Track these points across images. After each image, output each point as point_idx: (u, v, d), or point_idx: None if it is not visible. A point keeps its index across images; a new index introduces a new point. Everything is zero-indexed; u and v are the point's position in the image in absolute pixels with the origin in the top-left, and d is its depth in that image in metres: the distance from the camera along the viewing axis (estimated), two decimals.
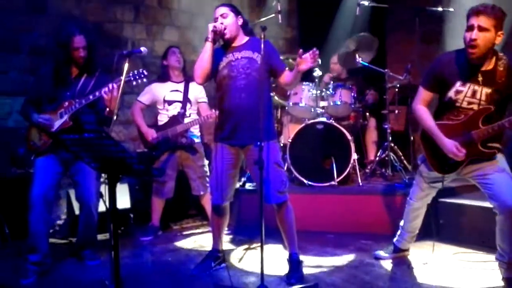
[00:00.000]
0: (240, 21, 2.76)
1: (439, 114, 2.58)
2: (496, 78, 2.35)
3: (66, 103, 2.90)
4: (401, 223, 3.03)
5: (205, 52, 2.67)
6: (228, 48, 2.77)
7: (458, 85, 2.42)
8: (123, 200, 3.98)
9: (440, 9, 4.07)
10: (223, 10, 2.72)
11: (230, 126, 2.72)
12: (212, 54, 2.68)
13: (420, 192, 2.84)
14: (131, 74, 2.81)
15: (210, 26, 2.65)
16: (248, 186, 4.09)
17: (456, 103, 2.45)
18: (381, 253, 3.11)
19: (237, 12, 2.77)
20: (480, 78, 2.37)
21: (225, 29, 2.68)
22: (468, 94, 2.41)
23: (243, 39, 2.78)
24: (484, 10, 2.27)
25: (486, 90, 2.37)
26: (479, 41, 2.28)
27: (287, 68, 2.77)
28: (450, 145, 2.42)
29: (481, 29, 2.27)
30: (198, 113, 3.92)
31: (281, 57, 2.88)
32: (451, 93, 2.45)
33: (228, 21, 2.70)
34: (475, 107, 2.41)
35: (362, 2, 4.29)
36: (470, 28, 2.31)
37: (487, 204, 2.71)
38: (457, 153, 2.41)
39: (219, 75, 2.76)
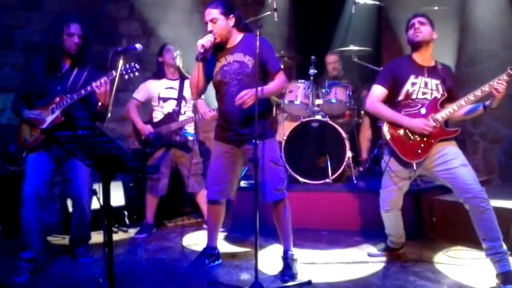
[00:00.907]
0: (232, 21, 2.68)
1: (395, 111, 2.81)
2: (439, 73, 2.78)
3: (58, 98, 2.88)
4: (385, 229, 3.06)
5: (195, 72, 2.66)
6: (222, 50, 2.74)
7: (412, 78, 2.76)
8: (117, 197, 3.97)
9: (435, 8, 4.09)
10: (213, 14, 2.62)
11: (227, 127, 2.75)
12: (204, 71, 2.67)
13: (391, 197, 2.88)
14: (123, 68, 2.78)
15: (199, 46, 2.58)
16: (243, 183, 4.09)
17: (413, 95, 2.76)
18: (374, 250, 3.14)
19: (228, 12, 2.65)
20: (426, 73, 2.78)
21: (215, 36, 2.63)
22: (421, 85, 2.76)
23: (236, 38, 2.72)
24: (421, 14, 2.82)
25: (435, 81, 2.76)
26: (422, 28, 2.75)
27: (279, 70, 2.69)
28: (417, 122, 2.68)
29: (421, 23, 2.75)
30: (194, 111, 3.91)
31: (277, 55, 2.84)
32: (407, 86, 2.76)
33: (218, 26, 2.63)
34: (428, 96, 2.75)
35: (357, 0, 4.30)
36: (413, 28, 2.78)
37: None
38: (425, 127, 2.65)
39: (215, 80, 2.76)
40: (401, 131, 2.73)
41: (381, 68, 4.42)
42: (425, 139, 2.68)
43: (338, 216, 3.79)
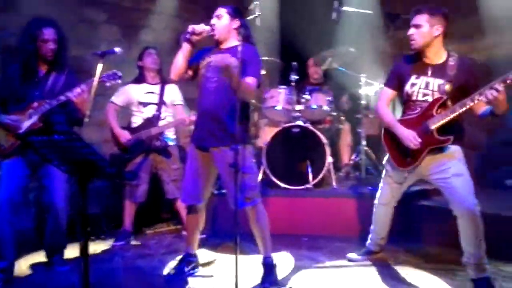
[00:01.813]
0: (235, 25, 2.72)
1: (402, 113, 2.78)
2: (447, 71, 2.55)
3: (36, 104, 2.80)
4: (371, 226, 3.09)
5: (181, 51, 2.68)
6: (216, 49, 2.77)
7: (413, 79, 2.65)
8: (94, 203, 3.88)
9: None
10: (220, 11, 2.72)
11: (199, 127, 2.75)
12: (188, 54, 2.68)
13: (386, 194, 2.92)
14: (104, 75, 2.75)
15: (189, 27, 2.64)
16: (223, 190, 4.06)
17: (413, 96, 2.65)
18: (354, 255, 3.15)
19: (234, 15, 2.73)
20: (429, 71, 2.61)
21: (213, 29, 2.67)
22: (422, 86, 2.62)
23: (232, 43, 2.73)
24: (417, 10, 2.61)
25: (438, 81, 2.57)
26: (414, 35, 2.61)
27: (254, 79, 2.63)
28: (406, 133, 2.62)
29: (414, 26, 2.60)
30: (174, 116, 3.87)
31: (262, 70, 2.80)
32: (407, 87, 2.66)
33: (220, 23, 2.69)
34: (429, 98, 2.59)
35: (343, 8, 4.36)
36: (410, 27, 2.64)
37: None
38: (412, 140, 2.58)
39: (199, 74, 2.77)
40: (395, 137, 2.69)
41: (361, 75, 4.49)
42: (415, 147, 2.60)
43: (319, 222, 3.80)
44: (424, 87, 2.61)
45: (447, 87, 2.54)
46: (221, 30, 2.71)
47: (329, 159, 4.03)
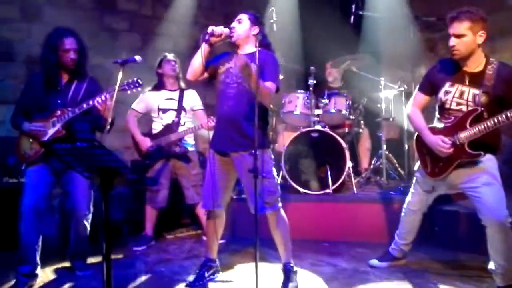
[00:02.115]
0: (255, 31, 2.72)
1: (435, 120, 2.69)
2: (484, 81, 2.41)
3: (59, 112, 2.86)
4: (397, 231, 3.04)
5: (199, 51, 2.70)
6: (235, 54, 2.77)
7: (447, 86, 2.53)
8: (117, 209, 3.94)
9: (433, 18, 4.12)
10: (242, 16, 2.74)
11: (219, 133, 2.76)
12: (206, 55, 2.70)
13: (415, 200, 2.86)
14: (125, 83, 2.79)
15: (209, 28, 2.66)
16: (243, 195, 4.07)
17: (446, 104, 2.55)
18: (376, 261, 3.10)
19: (255, 22, 2.75)
20: (467, 80, 2.47)
21: (232, 32, 2.69)
22: (456, 94, 2.50)
23: (251, 49, 2.73)
24: (456, 17, 2.41)
25: (474, 91, 2.44)
26: (457, 46, 2.43)
27: (273, 83, 2.63)
28: (435, 139, 2.52)
29: (456, 36, 2.41)
30: (194, 122, 3.90)
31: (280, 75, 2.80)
32: (441, 94, 2.56)
33: (240, 27, 2.71)
34: (463, 108, 2.48)
35: (361, 12, 4.34)
36: (449, 36, 2.46)
37: None
38: (442, 145, 2.47)
39: (218, 79, 2.78)
40: (425, 147, 2.61)
41: (381, 79, 4.44)
42: (445, 158, 2.53)
43: (339, 227, 3.76)
44: (458, 96, 2.49)
45: (483, 98, 2.40)
46: (240, 34, 2.71)
47: (349, 164, 3.99)
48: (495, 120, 2.33)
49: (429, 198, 2.84)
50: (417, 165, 2.82)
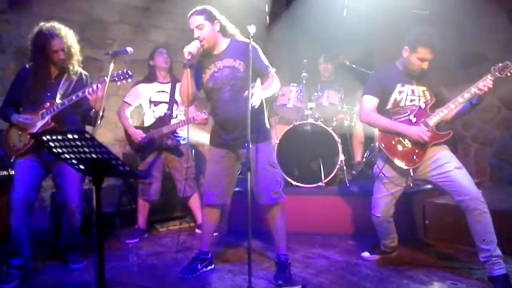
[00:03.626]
0: (218, 26, 2.69)
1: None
2: (426, 78, 2.80)
3: (48, 104, 2.84)
4: (377, 232, 3.08)
5: (185, 79, 2.67)
6: (210, 57, 2.73)
7: (399, 87, 2.82)
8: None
9: (426, 12, 4.13)
10: (198, 20, 2.65)
11: (222, 133, 2.76)
12: (192, 78, 2.68)
13: (383, 204, 2.90)
14: (115, 74, 2.77)
15: (186, 53, 2.58)
16: (237, 188, 4.06)
17: (401, 102, 2.81)
18: (367, 254, 3.14)
19: (212, 18, 2.68)
20: (414, 80, 2.81)
21: (202, 42, 2.64)
22: (409, 92, 2.81)
23: (223, 44, 2.73)
24: (432, 47, 2.67)
25: (422, 88, 2.81)
26: (425, 67, 2.76)
27: (270, 70, 2.73)
28: (414, 129, 2.71)
29: (430, 62, 2.73)
30: (186, 115, 3.88)
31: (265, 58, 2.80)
32: (395, 95, 2.82)
33: (204, 32, 2.65)
34: (416, 102, 2.79)
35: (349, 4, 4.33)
36: (422, 60, 2.72)
37: None
38: (425, 132, 2.68)
39: (206, 87, 2.76)
40: (395, 139, 2.76)
41: (372, 72, 4.44)
42: (418, 144, 2.70)
43: (331, 220, 3.78)
44: (410, 93, 2.80)
45: (430, 92, 2.80)
46: (208, 39, 2.66)
47: (341, 157, 4.00)
48: (454, 100, 2.65)
49: (395, 197, 2.89)
50: (378, 166, 2.86)
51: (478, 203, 2.53)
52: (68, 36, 2.89)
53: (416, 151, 2.72)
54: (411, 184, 3.68)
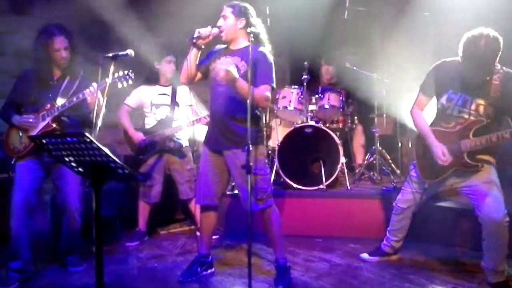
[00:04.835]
0: (241, 24, 2.68)
1: (434, 120, 2.67)
2: (490, 92, 2.35)
3: (48, 105, 2.84)
4: (388, 227, 3.05)
5: (189, 55, 2.68)
6: (225, 50, 2.76)
7: (450, 93, 2.49)
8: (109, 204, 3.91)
9: (426, 13, 4.12)
10: (225, 11, 2.68)
11: (211, 130, 2.77)
12: (196, 57, 2.68)
13: (406, 198, 2.88)
14: (116, 76, 2.77)
15: (195, 32, 2.61)
16: (236, 191, 4.05)
17: (447, 110, 2.52)
18: (366, 255, 3.13)
19: (239, 14, 2.68)
20: (472, 89, 2.40)
21: (221, 30, 2.65)
22: (459, 102, 2.46)
23: (242, 43, 2.72)
24: (483, 59, 2.26)
25: (479, 101, 2.41)
26: (482, 78, 2.37)
27: (266, 85, 2.62)
28: (437, 148, 2.51)
29: (480, 75, 2.35)
30: (187, 117, 3.88)
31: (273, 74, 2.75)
32: (443, 100, 2.54)
33: (226, 24, 2.67)
34: (465, 115, 2.46)
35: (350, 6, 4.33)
36: (470, 73, 2.36)
37: None
38: (441, 157, 2.48)
39: (210, 77, 2.77)
40: (424, 149, 2.63)
41: (373, 74, 4.43)
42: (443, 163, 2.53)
43: (332, 223, 3.76)
44: (461, 104, 2.46)
45: (489, 110, 2.38)
46: (227, 31, 2.67)
47: (343, 160, 3.99)
48: (500, 135, 2.31)
49: (420, 198, 2.84)
50: (413, 164, 2.83)
51: (496, 224, 2.37)
52: (72, 35, 2.90)
53: (437, 168, 2.54)
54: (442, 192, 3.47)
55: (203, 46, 2.68)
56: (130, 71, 2.81)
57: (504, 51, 2.27)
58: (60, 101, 2.86)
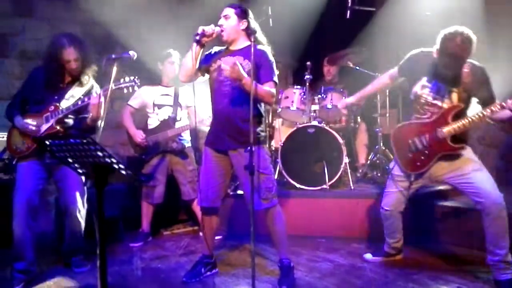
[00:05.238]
0: (243, 25, 2.70)
1: (413, 114, 2.72)
2: (461, 79, 2.48)
3: (52, 107, 2.84)
4: (384, 229, 3.06)
5: (190, 52, 2.67)
6: (226, 50, 2.76)
7: (424, 80, 2.59)
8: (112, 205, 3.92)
9: (428, 13, 4.11)
10: (228, 11, 2.70)
11: (215, 130, 2.75)
12: (197, 55, 2.67)
13: (393, 199, 2.88)
14: (122, 82, 2.78)
15: (199, 28, 2.63)
16: (239, 192, 4.06)
17: (421, 99, 2.61)
18: (370, 256, 3.13)
19: (242, 16, 2.70)
20: (446, 79, 2.51)
21: (222, 30, 2.67)
22: (433, 89, 2.57)
23: (242, 44, 2.73)
24: (460, 56, 2.40)
25: (453, 89, 2.52)
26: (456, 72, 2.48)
27: (270, 82, 2.66)
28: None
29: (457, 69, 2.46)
30: (189, 118, 3.88)
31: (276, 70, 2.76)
32: (417, 88, 2.62)
33: (228, 24, 2.68)
34: (439, 103, 2.56)
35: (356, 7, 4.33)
36: (445, 68, 2.46)
37: None
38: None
39: (211, 78, 2.77)
40: (406, 141, 2.68)
41: (376, 74, 4.43)
42: (426, 151, 2.61)
43: (336, 223, 3.76)
44: (435, 91, 2.57)
45: (463, 95, 2.50)
46: (230, 30, 2.68)
47: (346, 159, 3.98)
48: (481, 113, 2.42)
49: (406, 195, 2.84)
50: (391, 163, 2.87)
51: (498, 207, 2.45)
52: (83, 46, 2.90)
53: (422, 157, 2.63)
54: (428, 184, 3.60)
55: (205, 44, 2.69)
56: (136, 77, 2.81)
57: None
58: (64, 104, 2.87)
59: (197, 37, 2.61)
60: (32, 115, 2.86)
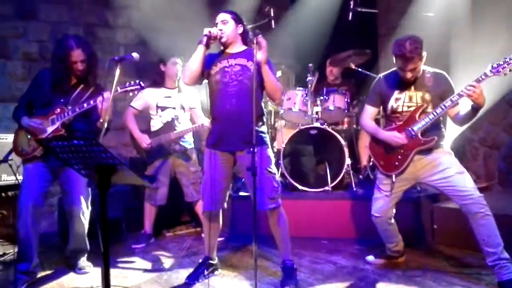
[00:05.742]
0: (240, 30, 2.76)
1: (386, 125, 2.95)
2: (424, 82, 2.75)
3: (58, 110, 2.85)
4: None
5: (196, 54, 2.68)
6: (224, 53, 2.78)
7: (396, 94, 2.81)
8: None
9: (430, 14, 4.11)
10: (224, 16, 2.73)
11: (219, 132, 2.74)
12: (203, 58, 2.69)
13: (381, 204, 2.90)
14: (127, 85, 2.78)
15: (205, 30, 2.65)
16: (242, 193, 4.06)
17: (398, 109, 2.81)
18: (372, 257, 3.13)
19: (238, 21, 2.76)
20: (412, 87, 2.77)
21: (222, 33, 2.69)
22: (406, 99, 2.79)
23: (240, 48, 2.78)
24: (410, 57, 2.60)
25: (419, 93, 2.76)
26: (414, 74, 2.70)
27: (277, 79, 2.73)
28: (388, 134, 2.78)
29: (412, 70, 2.66)
30: (192, 120, 3.89)
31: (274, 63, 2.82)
32: (391, 102, 2.82)
33: (227, 28, 2.71)
34: (413, 108, 2.76)
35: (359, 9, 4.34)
36: (403, 70, 2.69)
37: None
38: (398, 136, 2.73)
39: (212, 80, 2.76)
40: (381, 146, 2.83)
41: (379, 75, 4.43)
42: (402, 151, 2.74)
43: (338, 224, 3.76)
44: (408, 100, 2.78)
45: (427, 96, 2.73)
46: (228, 34, 2.72)
47: (348, 161, 3.98)
48: (442, 105, 2.62)
49: (391, 199, 2.86)
50: (376, 170, 2.95)
51: (480, 206, 2.54)
52: (89, 47, 2.91)
53: (399, 157, 2.76)
54: (419, 188, 3.70)
55: (209, 46, 2.70)
56: (141, 81, 2.82)
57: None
58: (71, 107, 2.87)
59: (204, 39, 2.64)
60: (39, 117, 2.86)
